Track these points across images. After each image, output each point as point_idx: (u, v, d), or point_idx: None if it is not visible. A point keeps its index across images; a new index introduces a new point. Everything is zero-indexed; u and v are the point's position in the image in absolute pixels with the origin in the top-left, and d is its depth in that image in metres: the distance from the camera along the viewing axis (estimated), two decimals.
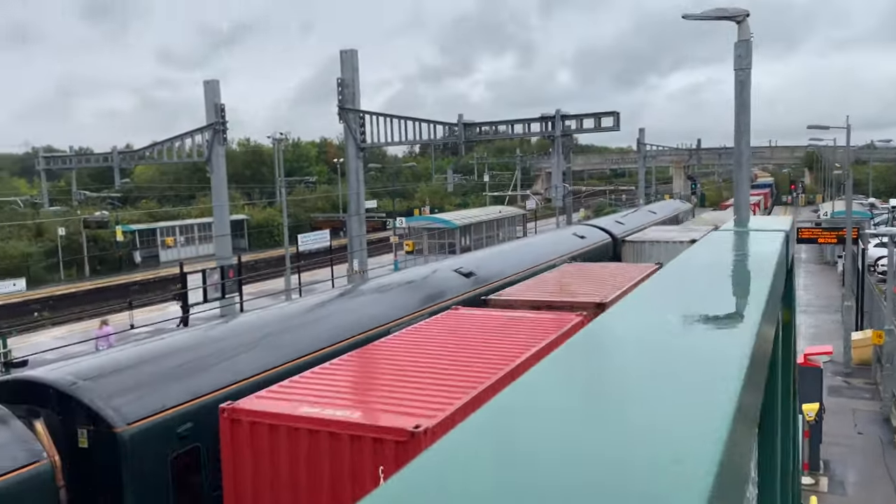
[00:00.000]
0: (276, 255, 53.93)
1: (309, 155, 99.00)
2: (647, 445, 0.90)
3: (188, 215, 61.54)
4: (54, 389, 9.30)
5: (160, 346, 11.27)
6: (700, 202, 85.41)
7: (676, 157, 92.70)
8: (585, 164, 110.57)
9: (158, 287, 44.81)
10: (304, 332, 12.97)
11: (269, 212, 68.09)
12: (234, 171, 68.90)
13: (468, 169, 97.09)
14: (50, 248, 48.66)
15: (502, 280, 19.86)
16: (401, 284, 16.96)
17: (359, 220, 30.76)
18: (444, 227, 40.24)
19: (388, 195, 70.64)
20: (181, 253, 54.07)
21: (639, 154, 69.88)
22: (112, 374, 9.86)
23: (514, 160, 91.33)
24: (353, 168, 31.00)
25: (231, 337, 12.11)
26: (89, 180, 78.32)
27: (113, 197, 66.53)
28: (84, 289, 43.80)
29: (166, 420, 9.54)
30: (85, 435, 9.15)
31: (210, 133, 31.42)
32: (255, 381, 11.02)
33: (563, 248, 25.92)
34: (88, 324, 31.76)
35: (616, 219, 36.80)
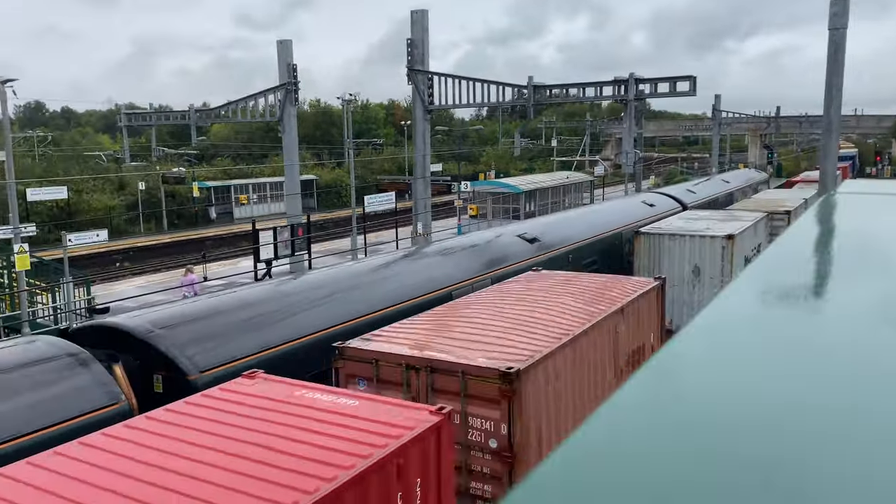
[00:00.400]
0: (342, 215, 54.78)
1: (377, 117, 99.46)
2: None
3: (260, 174, 62.95)
4: (133, 336, 9.82)
5: (232, 299, 11.72)
6: (776, 172, 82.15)
7: (753, 125, 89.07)
8: (657, 130, 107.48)
9: (231, 243, 46.27)
10: (369, 291, 13.25)
11: (338, 173, 69.02)
12: (304, 131, 69.96)
13: (535, 133, 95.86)
14: (131, 201, 50.73)
15: (567, 247, 19.72)
16: (464, 248, 17.05)
17: (424, 182, 30.91)
18: (508, 192, 40.00)
19: (453, 158, 70.57)
20: (254, 210, 55.54)
21: (713, 121, 67.53)
22: (187, 324, 10.34)
23: (583, 125, 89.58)
24: (419, 130, 31.08)
25: (299, 293, 12.48)
26: (168, 137, 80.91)
27: (190, 154, 68.63)
28: (162, 241, 45.62)
29: (237, 369, 9.96)
30: (160, 380, 9.66)
31: (282, 93, 31.93)
32: (320, 337, 11.38)
33: (630, 216, 25.47)
34: (166, 275, 33.15)
35: (687, 187, 35.82)
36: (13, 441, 7.71)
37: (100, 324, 10.51)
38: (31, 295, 20.84)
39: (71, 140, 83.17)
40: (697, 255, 18.05)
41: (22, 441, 7.72)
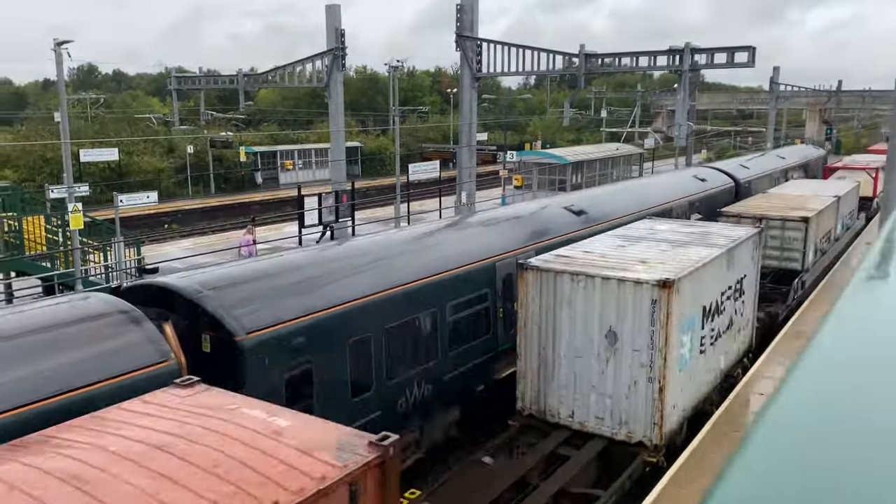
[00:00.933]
0: (386, 183, 54.87)
1: (423, 84, 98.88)
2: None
3: (306, 140, 63.32)
4: (182, 296, 9.98)
5: (279, 263, 11.82)
6: (835, 149, 79.36)
7: (812, 99, 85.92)
8: (710, 102, 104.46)
9: (277, 207, 46.79)
10: (412, 259, 13.22)
11: (382, 140, 69.02)
12: (350, 98, 69.92)
13: (584, 103, 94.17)
14: (179, 164, 51.60)
15: (614, 220, 19.37)
16: (508, 219, 16.87)
17: (469, 151, 30.66)
18: (555, 163, 39.45)
19: (499, 128, 69.87)
20: (299, 176, 56.00)
21: (770, 94, 65.35)
22: (235, 286, 10.46)
23: (634, 96, 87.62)
24: (466, 98, 30.73)
25: (343, 259, 12.53)
26: (216, 101, 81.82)
27: (237, 119, 69.33)
28: (210, 205, 46.39)
29: (282, 332, 10.08)
30: (208, 340, 9.82)
31: (329, 59, 31.85)
32: (364, 303, 11.42)
33: (680, 190, 24.90)
34: (214, 238, 33.72)
35: (741, 162, 34.81)
36: (70, 393, 7.92)
37: (149, 283, 10.70)
38: (83, 253, 21.39)
39: (122, 103, 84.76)
40: (613, 312, 11.35)
41: (78, 394, 7.94)
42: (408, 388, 12.26)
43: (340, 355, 10.89)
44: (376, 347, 11.55)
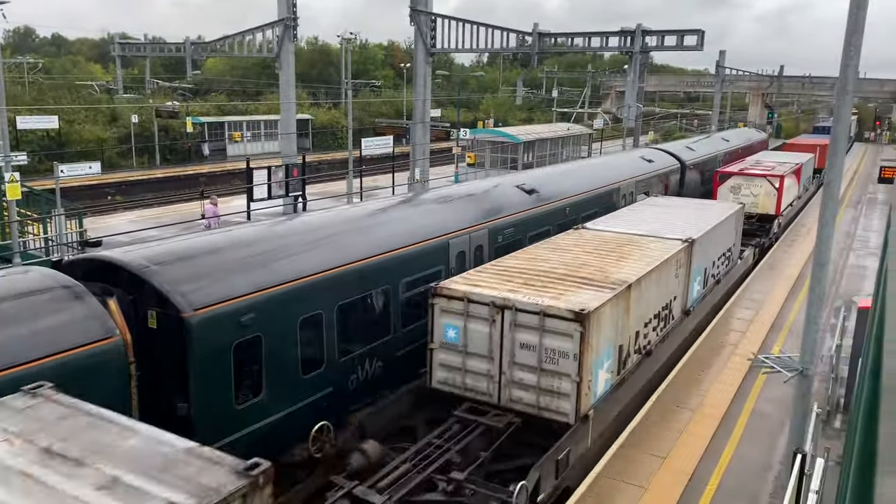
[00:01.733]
0: (338, 157, 54.27)
1: (376, 58, 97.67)
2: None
3: (255, 111, 61.99)
4: (127, 271, 9.73)
5: (228, 238, 11.59)
6: (776, 133, 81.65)
7: (756, 83, 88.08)
8: (658, 84, 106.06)
9: (225, 180, 45.84)
10: (365, 236, 13.15)
11: (334, 113, 68.06)
12: (300, 70, 68.57)
13: (536, 83, 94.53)
14: (123, 134, 50.00)
15: (565, 199, 19.60)
16: (461, 197, 16.89)
17: (423, 128, 30.52)
18: (507, 142, 39.58)
19: (452, 105, 69.60)
20: (247, 148, 54.90)
21: (716, 78, 66.68)
22: (182, 261, 10.24)
23: (584, 76, 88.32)
24: (420, 73, 30.52)
25: (294, 235, 12.37)
26: (161, 70, 79.33)
27: (184, 88, 67.36)
28: (155, 176, 45.16)
29: (230, 309, 9.93)
30: (154, 316, 9.61)
31: (281, 28, 31.16)
32: (315, 280, 11.32)
33: (629, 170, 25.30)
34: (158, 210, 32.90)
35: (687, 144, 35.54)
36: (8, 371, 7.68)
37: (93, 257, 10.39)
38: (21, 225, 20.62)
39: (61, 68, 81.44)
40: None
41: (17, 371, 7.70)
42: (360, 366, 12.26)
43: (291, 332, 10.81)
44: (328, 324, 11.49)
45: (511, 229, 16.71)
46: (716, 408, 13.71)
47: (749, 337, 17.71)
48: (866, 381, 2.72)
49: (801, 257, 25.66)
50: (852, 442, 3.44)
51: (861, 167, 59.51)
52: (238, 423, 9.98)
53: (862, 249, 27.64)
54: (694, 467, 11.50)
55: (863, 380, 3.67)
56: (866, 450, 2.07)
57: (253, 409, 10.22)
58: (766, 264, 24.85)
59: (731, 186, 28.30)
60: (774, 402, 13.96)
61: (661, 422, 13.03)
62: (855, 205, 39.03)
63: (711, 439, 12.47)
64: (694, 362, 15.90)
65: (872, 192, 43.73)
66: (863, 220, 34.19)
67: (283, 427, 10.63)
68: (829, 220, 8.75)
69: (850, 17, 7.61)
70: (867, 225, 32.99)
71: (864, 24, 7.54)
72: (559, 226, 18.24)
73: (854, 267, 24.91)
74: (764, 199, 28.16)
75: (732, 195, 27.87)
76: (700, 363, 15.87)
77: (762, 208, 28.14)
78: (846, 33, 7.70)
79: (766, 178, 28.11)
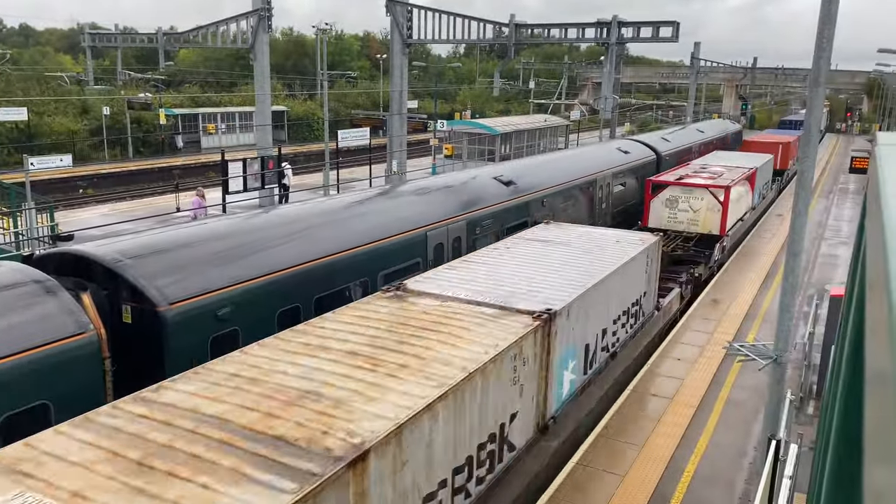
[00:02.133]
0: (314, 149, 53.91)
1: (351, 49, 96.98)
2: None
3: (230, 103, 61.25)
4: (101, 265, 9.58)
5: (204, 231, 11.47)
6: (749, 124, 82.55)
7: (730, 75, 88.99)
8: (635, 76, 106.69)
9: (199, 172, 45.31)
10: (342, 228, 13.09)
11: (310, 105, 67.51)
12: (275, 61, 67.85)
13: (513, 74, 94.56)
14: (95, 126, 49.15)
15: (542, 191, 19.65)
16: (439, 189, 16.87)
17: (400, 119, 30.40)
18: (485, 133, 39.58)
19: (429, 96, 69.41)
20: (222, 140, 54.29)
21: (691, 69, 67.18)
22: (157, 255, 10.11)
23: (561, 68, 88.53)
24: (397, 65, 30.36)
25: (271, 227, 12.27)
26: (133, 61, 78.09)
27: (157, 79, 66.38)
28: (127, 169, 44.50)
29: (207, 302, 9.83)
30: (129, 311, 9.48)
31: (255, 19, 30.80)
32: (292, 272, 11.25)
33: (605, 162, 25.43)
34: (132, 203, 32.45)
35: (662, 135, 35.79)
36: None
37: (65, 251, 10.23)
38: None
39: (30, 59, 79.83)
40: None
41: None
42: None
43: (268, 326, 10.73)
44: (306, 317, 11.42)
45: (489, 221, 16.74)
46: (692, 396, 13.87)
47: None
48: (843, 368, 2.75)
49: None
50: (827, 428, 3.48)
51: (833, 158, 60.42)
52: None
53: (834, 238, 28.10)
54: (671, 455, 11.64)
55: (837, 366, 3.72)
56: (844, 436, 2.09)
57: None
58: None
59: (667, 199, 23.01)
60: (749, 390, 14.17)
61: (638, 411, 13.16)
62: (827, 195, 39.63)
63: (687, 427, 12.63)
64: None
65: (844, 183, 44.43)
66: (834, 210, 34.74)
67: None
68: (802, 209, 8.87)
69: (822, 9, 7.69)
70: (839, 214, 33.52)
71: (836, 16, 7.62)
72: (536, 217, 18.30)
73: (826, 256, 25.32)
74: (706, 216, 22.76)
75: (668, 210, 22.97)
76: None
77: (703, 227, 22.84)
78: (818, 25, 7.78)
79: (708, 190, 22.73)
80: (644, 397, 13.75)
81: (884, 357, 0.98)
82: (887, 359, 0.94)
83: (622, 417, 12.84)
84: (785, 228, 20.75)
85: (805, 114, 8.23)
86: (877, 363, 1.03)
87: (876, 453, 0.86)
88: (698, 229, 22.75)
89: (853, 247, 4.50)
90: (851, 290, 3.39)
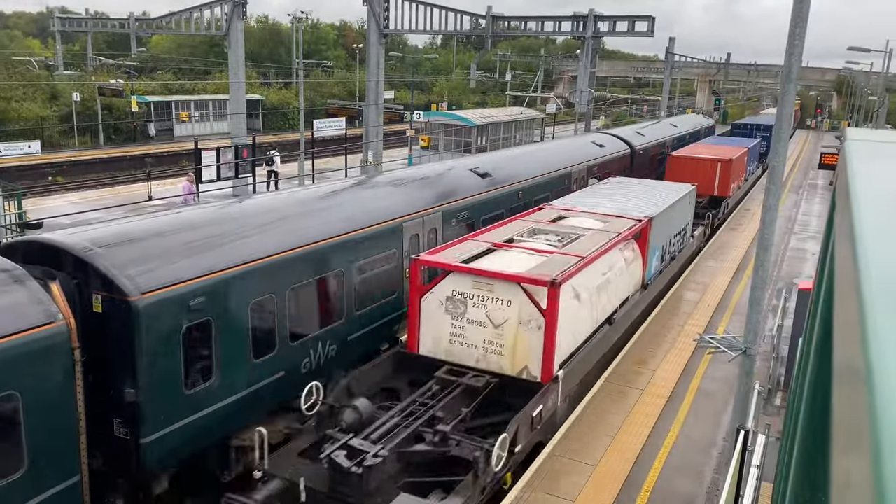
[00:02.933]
0: (289, 138, 53.47)
1: (328, 38, 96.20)
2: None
3: (203, 91, 60.44)
4: (70, 254, 9.42)
5: (176, 220, 11.32)
6: (723, 119, 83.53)
7: (704, 70, 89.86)
8: (610, 70, 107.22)
9: (172, 161, 44.71)
10: (317, 219, 13.00)
11: (285, 94, 66.93)
12: (250, 49, 67.11)
13: (490, 66, 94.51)
14: (64, 112, 48.21)
15: (518, 183, 19.71)
16: (415, 180, 16.84)
17: (376, 110, 30.26)
18: (461, 125, 39.56)
19: (405, 87, 69.14)
20: (195, 129, 53.60)
21: (666, 64, 67.72)
22: (128, 244, 9.97)
23: (537, 60, 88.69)
24: (373, 55, 30.19)
25: (245, 217, 12.15)
26: (105, 46, 76.69)
27: (128, 66, 65.25)
28: (98, 156, 43.76)
29: (179, 293, 9.72)
30: (99, 301, 9.34)
31: (230, 6, 30.41)
32: (266, 263, 11.17)
33: (580, 155, 25.57)
34: (102, 192, 31.93)
35: (637, 129, 36.07)
36: None
37: (34, 239, 10.04)
38: None
39: None
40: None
41: None
42: (312, 349, 12.17)
43: (242, 316, 10.65)
44: (280, 308, 11.36)
45: (465, 212, 16.75)
46: (663, 387, 14.06)
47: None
48: (810, 361, 2.81)
49: None
50: (794, 419, 3.55)
51: (803, 153, 61.38)
52: (188, 409, 9.81)
53: (802, 233, 28.58)
54: (642, 445, 11.79)
55: (805, 359, 3.79)
56: (811, 427, 2.14)
57: (203, 394, 10.06)
58: None
59: (449, 297, 11.88)
60: (719, 381, 14.39)
61: (611, 402, 13.31)
62: (797, 190, 40.27)
63: (658, 418, 12.80)
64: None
65: (813, 178, 45.17)
66: (804, 205, 35.32)
67: (234, 411, 10.51)
68: (772, 204, 9.01)
69: (794, 7, 7.79)
70: (808, 210, 34.10)
71: (808, 14, 7.73)
72: (512, 209, 18.35)
73: (795, 250, 25.75)
74: (516, 340, 11.49)
75: (450, 318, 11.90)
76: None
77: (511, 363, 11.65)
78: (791, 22, 7.89)
79: (520, 286, 11.44)
80: (617, 388, 13.90)
81: (851, 350, 1.01)
82: (854, 352, 0.97)
83: (594, 409, 12.97)
84: (755, 223, 21.09)
85: (777, 109, 8.35)
86: (844, 356, 1.06)
87: (843, 445, 0.88)
88: (503, 367, 11.67)
89: (822, 242, 4.59)
90: (819, 284, 3.47)
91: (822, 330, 2.40)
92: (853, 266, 1.24)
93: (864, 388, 0.81)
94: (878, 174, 2.67)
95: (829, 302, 1.99)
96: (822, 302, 2.65)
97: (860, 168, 2.51)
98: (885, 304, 1.00)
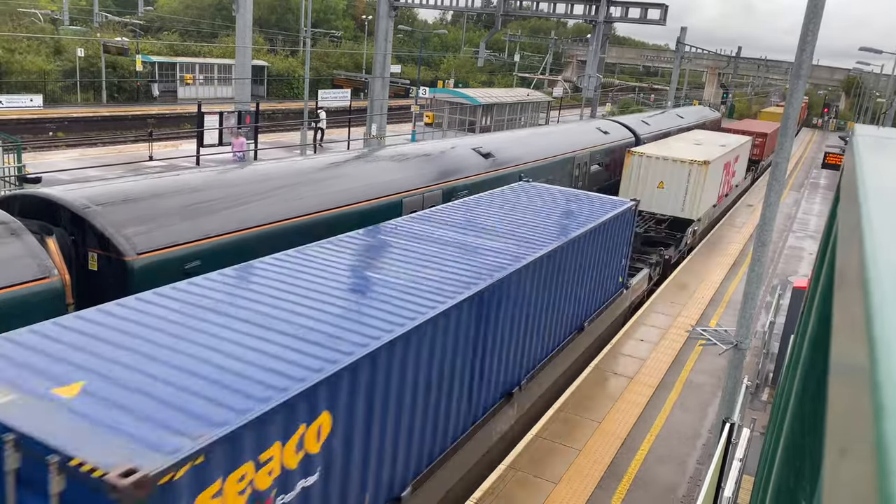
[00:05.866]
0: (293, 107, 53.13)
1: (337, 8, 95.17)
2: None
3: (209, 54, 59.87)
4: (68, 210, 9.39)
5: (175, 183, 11.28)
6: (729, 113, 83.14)
7: (713, 62, 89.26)
8: (619, 57, 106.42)
9: (174, 122, 44.43)
10: (317, 189, 12.96)
11: (291, 62, 66.32)
12: (258, 14, 66.44)
13: (499, 46, 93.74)
14: (68, 68, 47.75)
15: (520, 165, 19.64)
16: (417, 156, 16.76)
17: (382, 83, 30.02)
18: (466, 103, 39.31)
19: (413, 61, 68.61)
20: (199, 92, 53.19)
21: (676, 54, 67.19)
22: (127, 204, 9.93)
23: (547, 42, 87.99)
24: (382, 27, 29.88)
25: (244, 184, 12.10)
26: (111, 3, 75.85)
27: (134, 24, 64.55)
28: (100, 114, 43.44)
29: (175, 255, 9.71)
30: (95, 258, 9.33)
31: None
32: (263, 231, 11.15)
33: (584, 141, 25.46)
34: (102, 150, 31.75)
35: (642, 118, 35.89)
36: None
37: (32, 194, 10.00)
38: None
39: None
40: None
41: None
42: None
43: None
44: None
45: (465, 192, 16.70)
46: (652, 377, 14.13)
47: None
48: (802, 358, 2.82)
49: None
50: (781, 415, 3.57)
51: (806, 152, 61.21)
52: None
53: (801, 232, 28.59)
54: (627, 432, 11.88)
55: (796, 356, 3.80)
56: (799, 423, 2.15)
57: None
58: None
59: None
60: (707, 374, 14.47)
61: (598, 388, 13.38)
62: (798, 188, 40.21)
63: (646, 407, 12.88)
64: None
65: (815, 177, 45.08)
66: (804, 204, 35.29)
67: None
68: (773, 201, 8.99)
69: (809, 3, 7.72)
70: (808, 209, 34.07)
71: (822, 11, 7.66)
72: None
73: (793, 248, 25.77)
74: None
75: None
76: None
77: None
78: (804, 19, 7.82)
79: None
80: (605, 375, 13.98)
81: (852, 346, 1.00)
82: (857, 348, 0.97)
83: (582, 394, 13.05)
84: (754, 219, 21.09)
85: (785, 105, 8.29)
86: (843, 354, 1.06)
87: (839, 440, 0.88)
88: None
89: (821, 240, 4.58)
90: (816, 283, 3.47)
91: (817, 328, 2.40)
92: (859, 261, 1.23)
93: (868, 384, 0.81)
94: (886, 170, 2.66)
95: (827, 300, 1.99)
96: (818, 300, 2.65)
97: (868, 163, 2.49)
98: (892, 299, 1.00)
